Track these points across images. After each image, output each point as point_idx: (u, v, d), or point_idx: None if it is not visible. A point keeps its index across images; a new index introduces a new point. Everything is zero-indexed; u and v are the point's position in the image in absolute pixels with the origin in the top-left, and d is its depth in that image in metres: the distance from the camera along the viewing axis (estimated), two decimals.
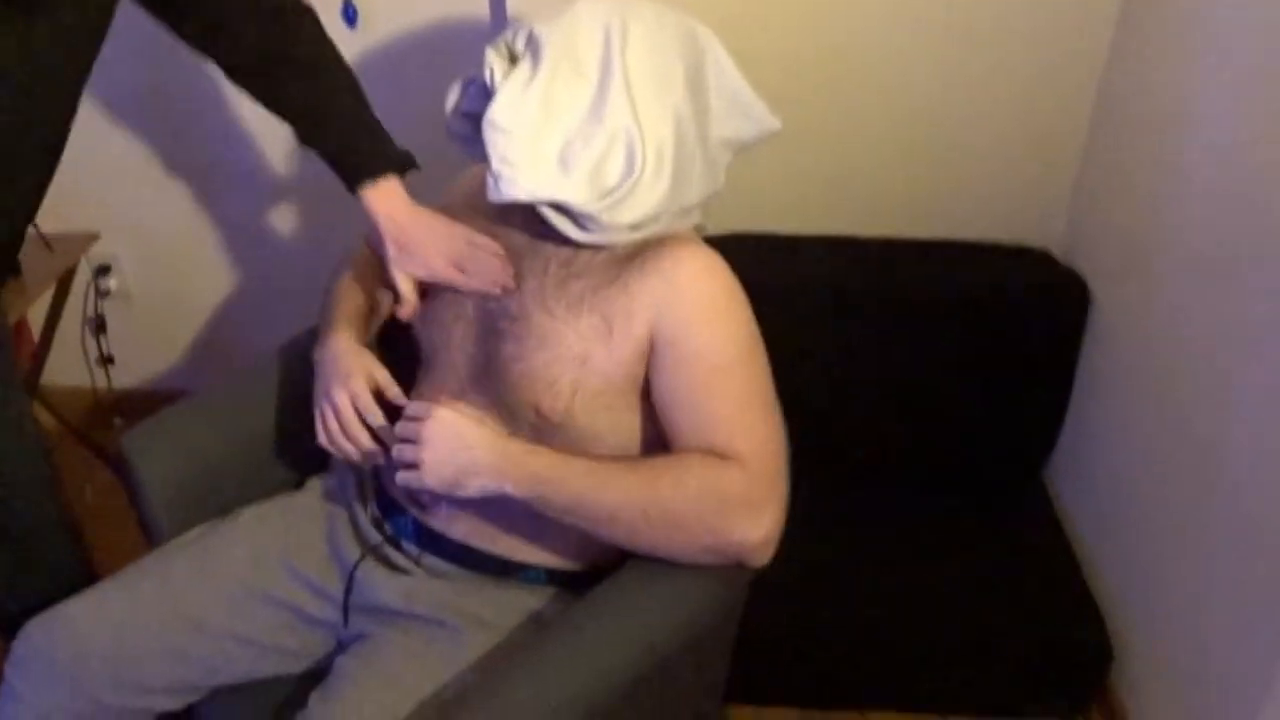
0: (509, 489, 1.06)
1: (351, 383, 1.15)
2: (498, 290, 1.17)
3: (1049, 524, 1.74)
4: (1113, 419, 1.64)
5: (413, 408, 1.11)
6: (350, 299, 1.31)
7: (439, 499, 1.16)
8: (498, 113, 1.08)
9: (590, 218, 1.08)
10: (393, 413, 1.15)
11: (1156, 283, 1.52)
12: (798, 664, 1.60)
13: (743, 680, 1.39)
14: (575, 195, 1.07)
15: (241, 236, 2.06)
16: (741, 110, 1.16)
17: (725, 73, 1.15)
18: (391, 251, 1.23)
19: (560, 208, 1.09)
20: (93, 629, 1.16)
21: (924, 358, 1.73)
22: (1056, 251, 1.81)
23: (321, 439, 1.17)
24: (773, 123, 1.18)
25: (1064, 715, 1.62)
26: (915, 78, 1.71)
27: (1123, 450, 1.61)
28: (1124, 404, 1.61)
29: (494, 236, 1.20)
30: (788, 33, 1.68)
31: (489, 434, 1.09)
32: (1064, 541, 1.70)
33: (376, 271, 1.34)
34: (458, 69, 1.24)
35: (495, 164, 1.08)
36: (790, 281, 1.69)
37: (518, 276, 1.16)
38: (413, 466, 1.07)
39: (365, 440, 1.15)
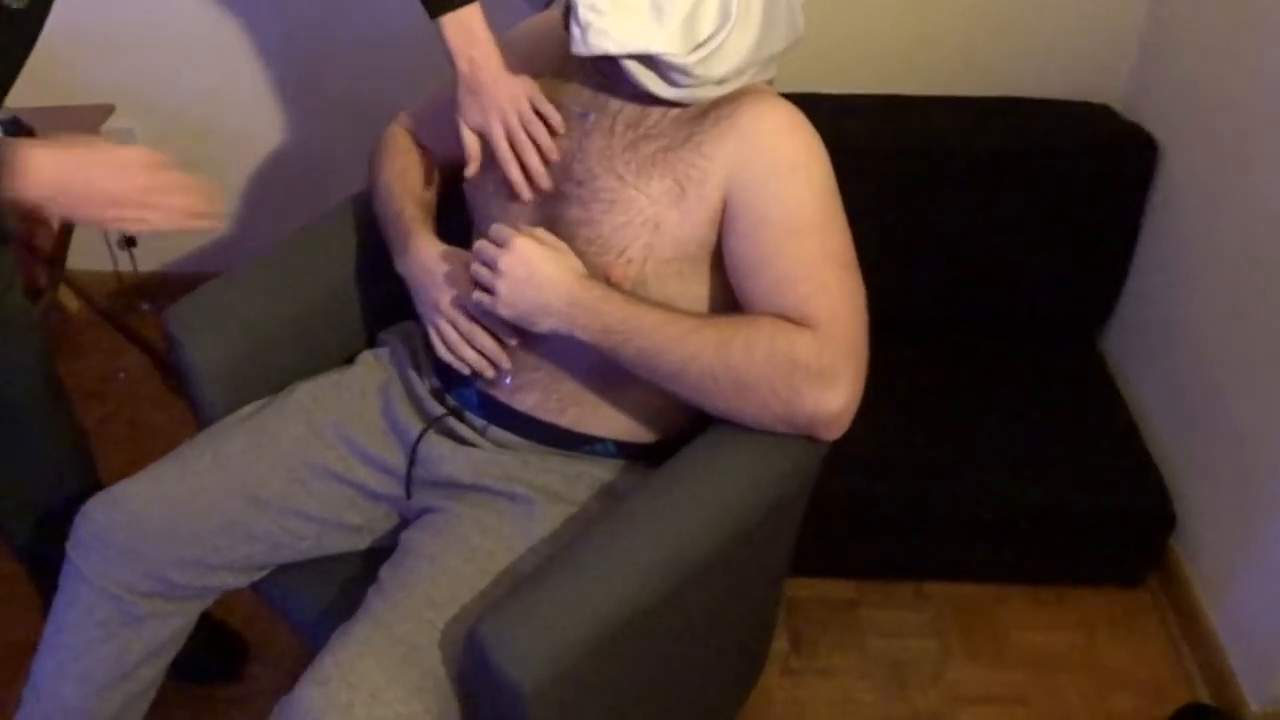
0: (579, 334, 1.02)
1: (461, 288, 1.11)
2: (524, 191, 1.11)
3: (1107, 389, 1.70)
4: (1178, 279, 1.59)
5: (495, 232, 1.06)
6: (410, 193, 1.24)
7: (504, 372, 1.12)
8: None
9: (681, 71, 1.00)
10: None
11: (1230, 136, 1.44)
12: (853, 535, 1.58)
13: (796, 551, 1.38)
14: (669, 46, 0.99)
15: (266, 107, 1.97)
16: None
17: None
18: (461, 97, 1.15)
19: (648, 61, 1.00)
20: (149, 507, 1.14)
21: (980, 216, 1.67)
22: (1119, 107, 1.73)
23: (443, 353, 1.13)
24: None
25: (1122, 584, 1.62)
26: None
27: (1187, 312, 1.56)
28: (1190, 264, 1.55)
29: (555, 93, 1.13)
30: None
31: (566, 275, 1.03)
32: (1122, 407, 1.67)
33: (415, 150, 1.29)
34: None
35: (583, 12, 0.99)
36: (842, 140, 1.61)
37: (582, 136, 1.09)
38: (486, 291, 1.04)
39: (490, 344, 1.11)
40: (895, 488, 1.54)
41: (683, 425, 1.14)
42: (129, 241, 2.10)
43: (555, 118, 1.11)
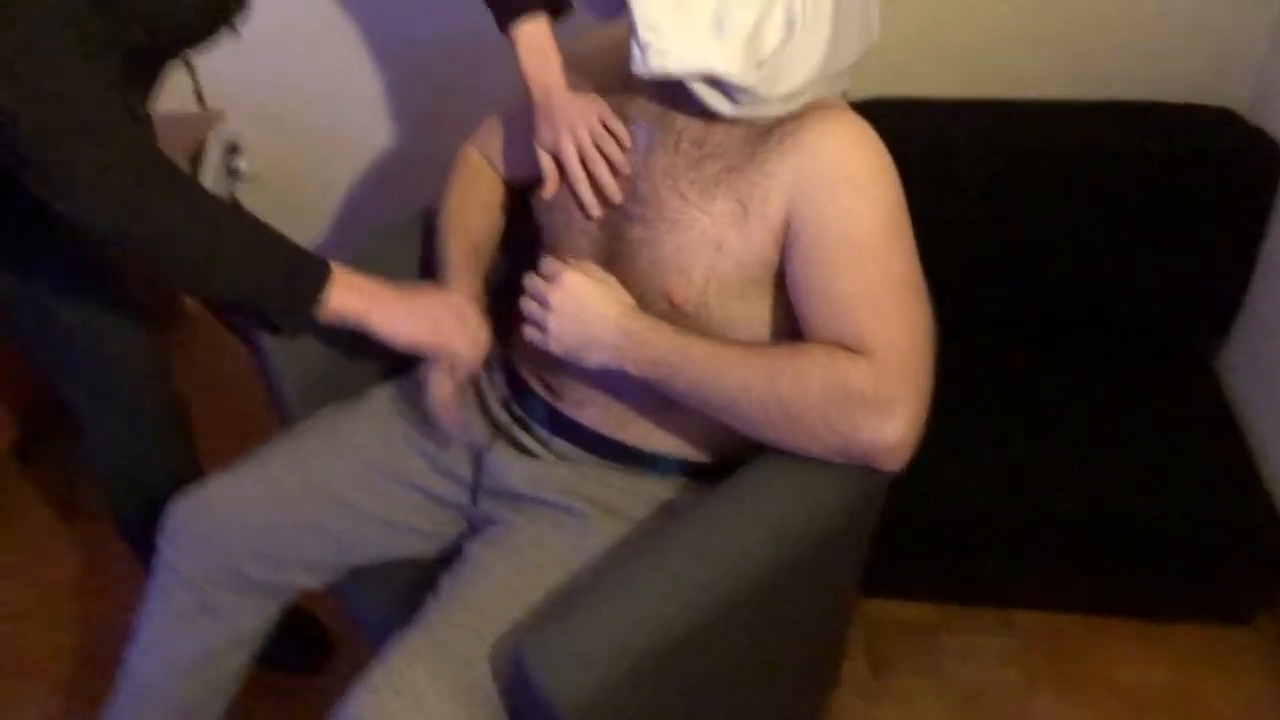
0: (629, 367, 1.02)
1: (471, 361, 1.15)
2: (594, 208, 1.11)
3: (1220, 409, 1.60)
4: None
5: (545, 266, 1.07)
6: (462, 230, 1.26)
7: (565, 381, 1.13)
8: None
9: (745, 89, 0.98)
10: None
11: None
12: (936, 555, 1.53)
13: (874, 570, 1.34)
14: (731, 65, 0.97)
15: (375, 112, 2.02)
16: None
17: None
18: (536, 120, 1.16)
19: (711, 78, 0.99)
20: (228, 503, 1.19)
21: (1092, 223, 1.59)
22: (1243, 111, 1.61)
23: (428, 402, 1.16)
24: None
25: (1228, 622, 1.52)
26: None
27: None
28: None
29: (622, 107, 1.12)
30: None
31: (615, 308, 1.04)
32: (1236, 432, 1.56)
33: (487, 174, 1.31)
34: None
35: (642, 32, 0.97)
36: (947, 144, 1.57)
37: (646, 153, 1.08)
38: (537, 328, 1.06)
39: (445, 418, 1.15)
40: (983, 506, 1.48)
41: (746, 445, 1.12)
42: None
43: (624, 134, 1.10)
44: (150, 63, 1.13)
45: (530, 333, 1.06)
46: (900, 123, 1.12)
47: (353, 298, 1.08)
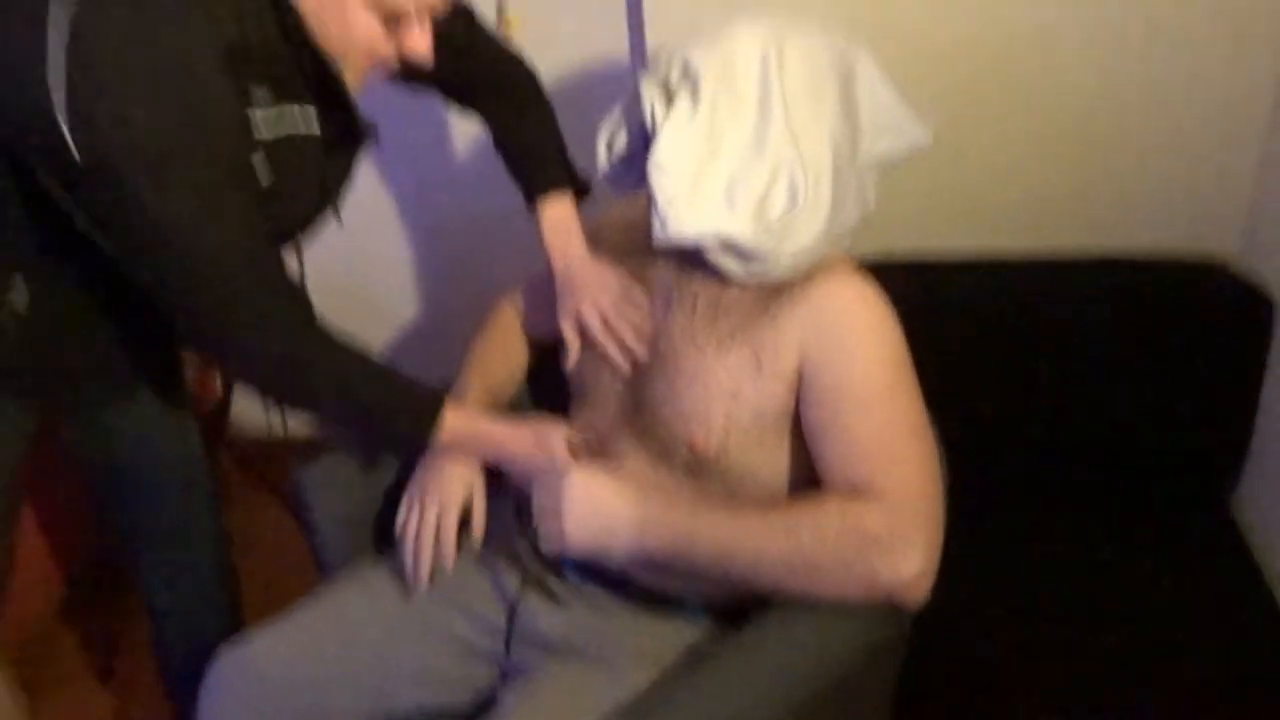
0: (650, 551, 1.06)
1: (446, 506, 1.21)
2: (623, 366, 1.19)
3: (1240, 560, 1.60)
4: None
5: (550, 477, 1.10)
6: (482, 372, 1.35)
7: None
8: (663, 155, 1.08)
9: (755, 252, 1.07)
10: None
11: None
12: (960, 713, 1.51)
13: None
14: (742, 231, 1.06)
15: (411, 290, 2.16)
16: (893, 127, 1.14)
17: (876, 88, 1.12)
18: (558, 292, 1.26)
19: (724, 244, 1.09)
20: (274, 658, 1.22)
21: (1093, 378, 1.65)
22: (1233, 263, 1.70)
23: (397, 528, 1.22)
24: (922, 138, 1.16)
25: None
26: (1066, 74, 1.64)
27: None
28: None
29: (640, 271, 1.22)
30: (924, 27, 1.63)
31: (628, 497, 1.07)
32: (1261, 582, 1.56)
33: (516, 330, 1.41)
34: (600, 105, 1.28)
35: (662, 205, 1.08)
36: (946, 304, 1.65)
37: (665, 313, 1.17)
38: (553, 534, 1.09)
39: (427, 560, 1.21)
40: (1006, 659, 1.47)
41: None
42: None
43: (642, 300, 1.20)
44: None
45: (546, 544, 1.09)
46: (903, 283, 1.21)
47: (459, 422, 1.19)
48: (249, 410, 2.33)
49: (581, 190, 1.33)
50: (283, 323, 1.09)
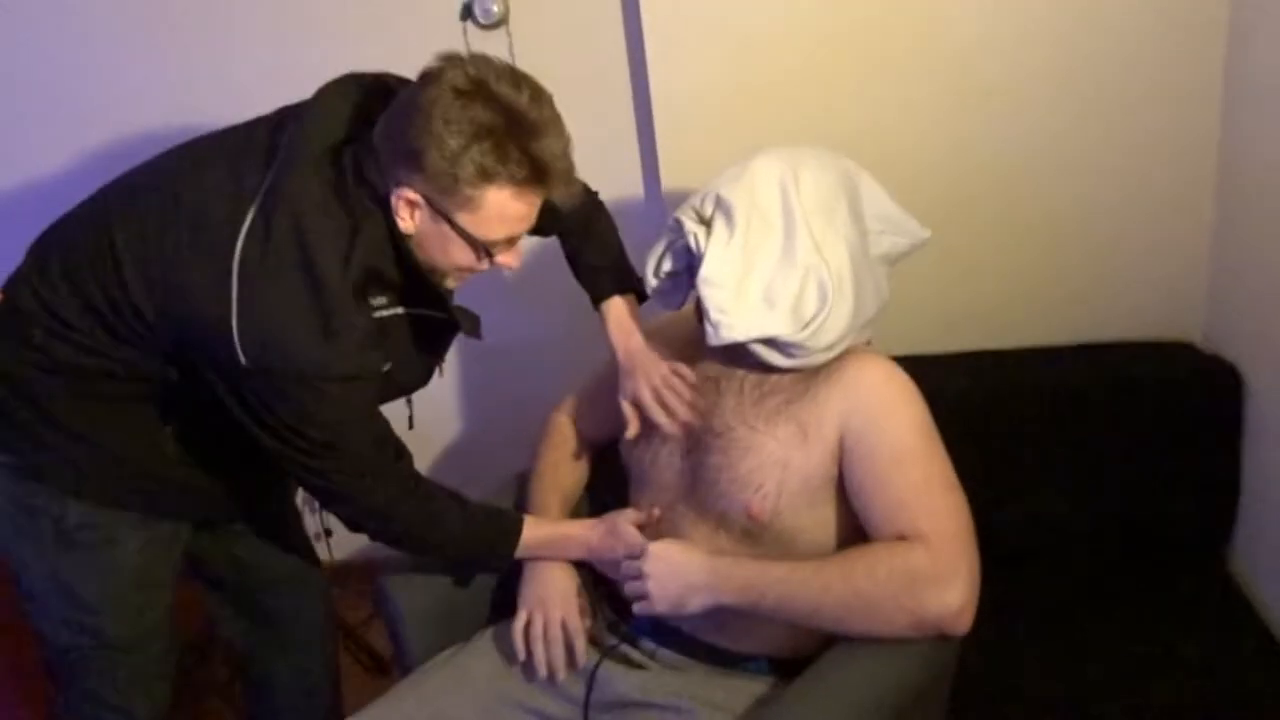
0: (724, 599, 1.22)
1: (566, 611, 1.35)
2: (674, 430, 1.35)
3: (1240, 609, 1.73)
4: None
5: (628, 550, 1.29)
6: (557, 487, 1.50)
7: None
8: (709, 270, 1.27)
9: (796, 345, 1.25)
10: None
11: None
12: None
13: None
14: (783, 329, 1.25)
15: (441, 414, 2.31)
16: (895, 227, 1.35)
17: (877, 197, 1.35)
18: (620, 378, 1.42)
19: (767, 341, 1.26)
20: None
21: (1086, 454, 1.79)
22: (1199, 341, 1.89)
23: (518, 640, 1.34)
24: (923, 233, 1.37)
25: None
26: (1037, 187, 1.86)
27: None
28: None
29: (691, 365, 1.39)
30: (929, 151, 1.85)
31: (699, 555, 1.25)
32: (1264, 632, 1.66)
33: (575, 438, 1.56)
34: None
35: (713, 314, 1.27)
36: (939, 396, 1.77)
37: (716, 397, 1.33)
38: (641, 598, 1.25)
39: (560, 656, 1.33)
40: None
41: (827, 643, 1.28)
42: (326, 532, 2.41)
43: (689, 374, 1.36)
44: None
45: (639, 607, 1.26)
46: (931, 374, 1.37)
47: (539, 533, 1.39)
48: None
49: (641, 295, 1.51)
50: (397, 486, 1.29)
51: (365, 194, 1.16)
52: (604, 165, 2.05)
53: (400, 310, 1.26)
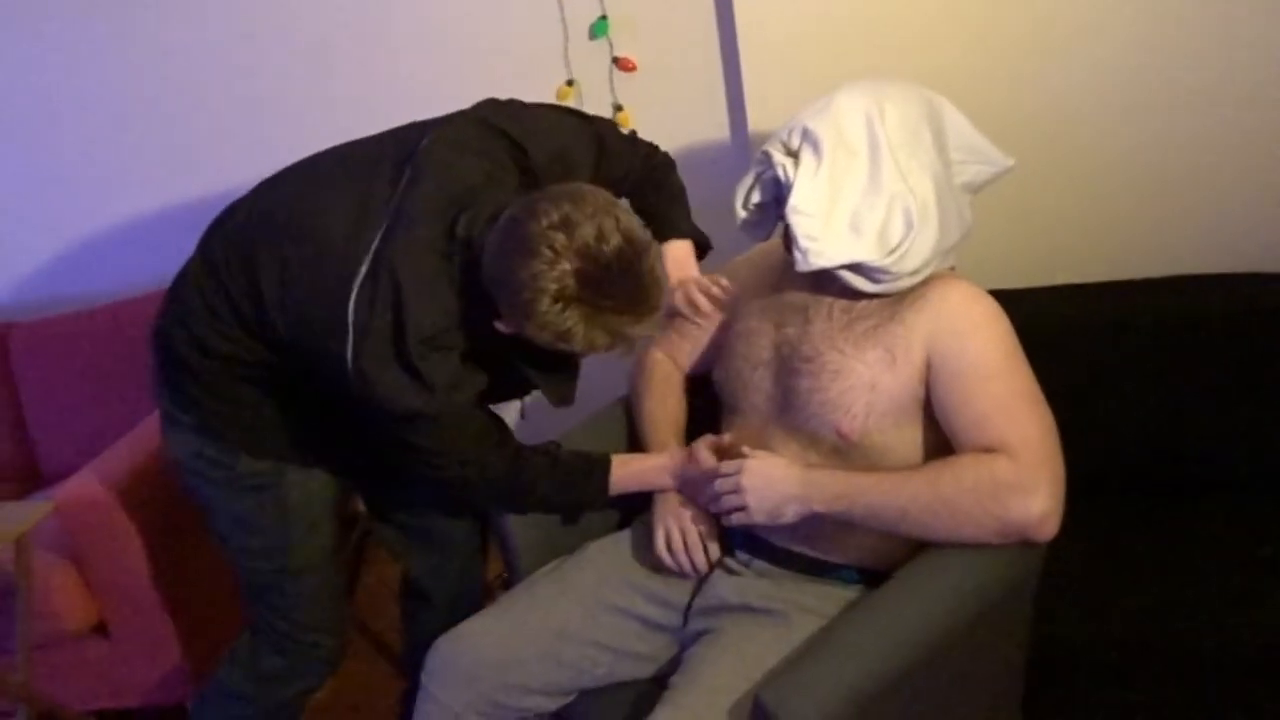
0: (817, 508, 1.30)
1: (696, 519, 1.44)
2: (696, 317, 1.49)
3: None
4: None
5: (725, 465, 1.37)
6: (666, 418, 1.60)
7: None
8: (798, 200, 1.34)
9: (882, 270, 1.31)
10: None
11: None
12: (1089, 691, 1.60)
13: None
14: (869, 254, 1.31)
15: None
16: (979, 156, 1.40)
17: (960, 127, 1.39)
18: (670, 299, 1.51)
19: (854, 266, 1.33)
20: (484, 641, 1.44)
21: (1195, 383, 1.76)
22: None
23: (662, 551, 1.44)
24: (1007, 160, 1.41)
25: None
26: (1110, 117, 1.86)
27: None
28: None
29: (779, 295, 1.46)
30: (1008, 88, 1.87)
31: (792, 468, 1.33)
32: None
33: (675, 374, 1.66)
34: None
35: (802, 241, 1.33)
36: (1067, 321, 1.80)
37: (805, 324, 1.40)
38: (739, 509, 1.34)
39: (700, 558, 1.43)
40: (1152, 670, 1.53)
41: (911, 554, 1.35)
42: None
43: (723, 281, 1.49)
44: None
45: (735, 517, 1.35)
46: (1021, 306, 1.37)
47: (623, 472, 1.50)
48: None
49: (703, 245, 1.60)
50: (496, 468, 1.42)
51: (469, 280, 1.27)
52: (692, 110, 2.15)
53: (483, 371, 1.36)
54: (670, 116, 2.16)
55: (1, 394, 2.40)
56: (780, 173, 1.37)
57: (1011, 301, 1.81)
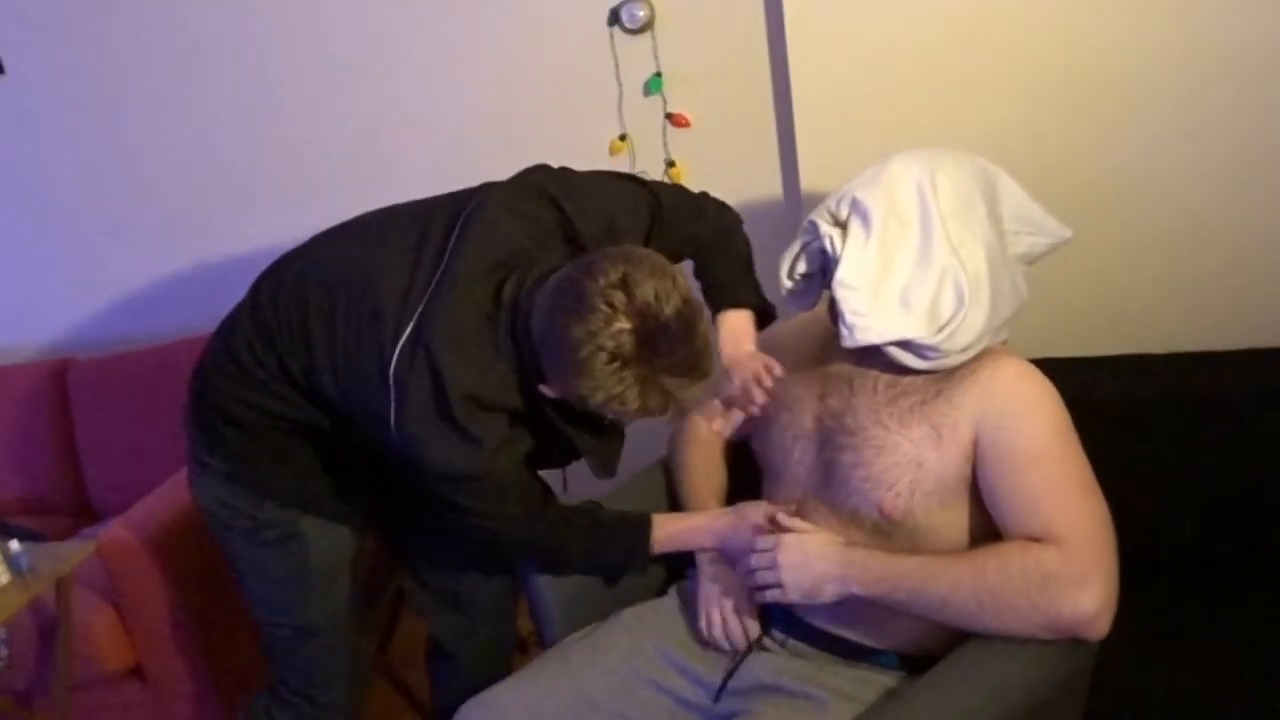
0: (856, 590, 1.25)
1: (737, 598, 1.39)
2: (751, 407, 1.40)
3: None
4: None
5: (762, 540, 1.33)
6: (708, 486, 1.56)
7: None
8: (846, 274, 1.30)
9: (932, 348, 1.27)
10: None
11: None
12: None
13: None
14: (918, 331, 1.27)
15: None
16: (1034, 227, 1.35)
17: (1015, 197, 1.35)
18: (721, 379, 1.45)
19: (903, 343, 1.29)
20: (511, 709, 1.40)
21: (1244, 466, 1.69)
22: None
23: (704, 632, 1.41)
24: (1064, 232, 1.36)
25: None
26: (1165, 186, 1.81)
27: None
28: None
29: (823, 366, 1.42)
30: (1056, 155, 1.82)
31: (833, 547, 1.28)
32: None
33: (713, 439, 1.61)
34: (759, 233, 1.54)
35: (849, 317, 1.30)
36: (1111, 398, 1.72)
37: (850, 396, 1.36)
38: (774, 587, 1.29)
39: (740, 638, 1.39)
40: None
41: (956, 640, 1.29)
42: None
43: (776, 369, 1.38)
44: None
45: (771, 594, 1.30)
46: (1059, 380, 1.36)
47: (667, 530, 1.48)
48: None
49: (766, 313, 1.54)
50: (539, 529, 1.42)
51: (513, 345, 1.26)
52: (744, 166, 2.13)
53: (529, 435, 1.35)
54: (723, 173, 2.14)
55: (58, 427, 2.45)
56: (827, 244, 1.34)
57: (1071, 371, 1.77)
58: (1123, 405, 1.74)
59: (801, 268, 1.42)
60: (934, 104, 1.87)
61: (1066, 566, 1.14)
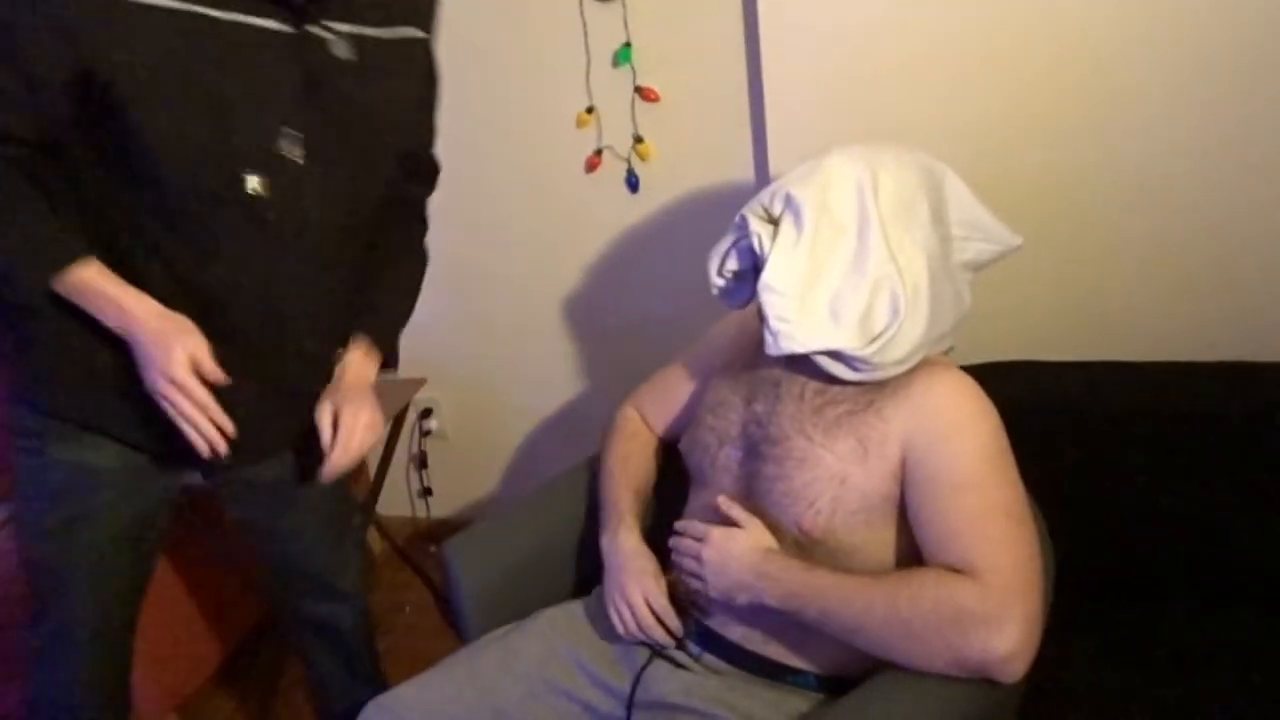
0: (768, 601, 1.18)
1: (646, 583, 1.31)
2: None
3: None
4: None
5: (692, 529, 1.26)
6: (629, 480, 1.47)
7: (714, 604, 1.28)
8: (771, 276, 1.21)
9: (862, 360, 1.18)
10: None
11: None
12: None
13: None
14: (848, 343, 1.18)
15: (545, 387, 2.34)
16: (982, 233, 1.25)
17: (963, 200, 1.25)
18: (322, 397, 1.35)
19: (832, 353, 1.20)
20: (412, 712, 1.34)
21: (1211, 483, 1.62)
22: None
23: (620, 630, 1.32)
24: (1013, 239, 1.26)
25: None
26: (1174, 195, 1.71)
27: None
28: None
29: (752, 369, 1.34)
30: (1038, 151, 1.73)
31: (753, 552, 1.20)
32: None
33: (646, 433, 1.54)
34: (726, 225, 1.41)
35: (773, 323, 1.21)
36: (1056, 404, 1.64)
37: (775, 403, 1.28)
38: (696, 578, 1.23)
39: (660, 633, 1.30)
40: None
41: (875, 663, 1.22)
42: (426, 491, 2.48)
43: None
44: None
45: (691, 583, 1.26)
46: (1013, 384, 1.26)
47: (88, 277, 1.18)
48: (394, 493, 2.52)
49: (383, 347, 1.45)
50: None
51: None
52: (715, 145, 2.03)
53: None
54: (692, 151, 2.05)
55: None
56: (755, 243, 1.24)
57: (1052, 375, 1.67)
58: (1104, 415, 1.65)
59: (732, 265, 1.32)
60: (909, 88, 1.77)
61: (981, 604, 1.06)
